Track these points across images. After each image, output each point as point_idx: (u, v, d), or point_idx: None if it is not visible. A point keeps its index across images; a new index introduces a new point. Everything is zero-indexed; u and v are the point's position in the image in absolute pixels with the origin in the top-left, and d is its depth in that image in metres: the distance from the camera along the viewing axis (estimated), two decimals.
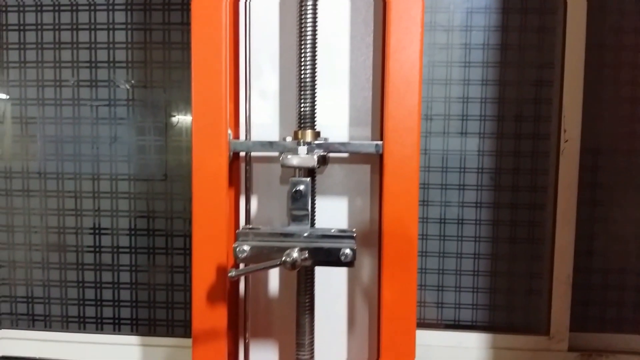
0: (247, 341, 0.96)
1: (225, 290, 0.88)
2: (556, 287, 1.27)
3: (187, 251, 1.34)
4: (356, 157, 0.97)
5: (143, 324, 1.37)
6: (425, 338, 1.29)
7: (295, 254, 0.72)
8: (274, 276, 1.02)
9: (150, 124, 1.32)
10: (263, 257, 0.76)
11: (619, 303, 1.31)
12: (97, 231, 1.35)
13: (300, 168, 0.81)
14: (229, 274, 0.72)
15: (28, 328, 1.39)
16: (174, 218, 1.33)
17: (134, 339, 1.34)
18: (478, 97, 1.26)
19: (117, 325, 1.37)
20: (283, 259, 0.72)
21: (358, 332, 1.01)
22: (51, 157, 1.34)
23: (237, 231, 0.79)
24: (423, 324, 1.31)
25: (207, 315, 0.88)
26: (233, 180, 0.96)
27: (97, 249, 1.35)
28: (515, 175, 1.28)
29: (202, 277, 0.88)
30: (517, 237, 1.29)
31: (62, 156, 1.34)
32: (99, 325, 1.37)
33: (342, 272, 1.00)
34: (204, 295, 0.88)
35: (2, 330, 1.38)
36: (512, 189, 1.28)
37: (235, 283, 0.98)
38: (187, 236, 1.33)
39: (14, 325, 1.39)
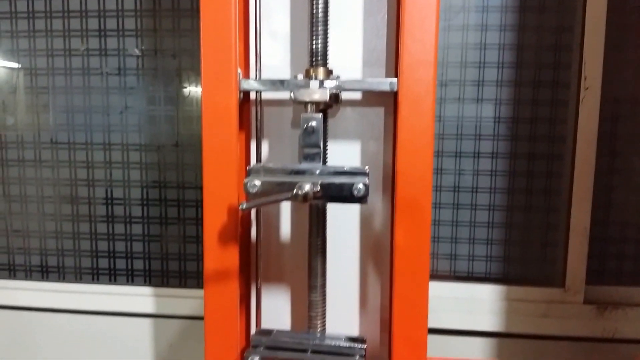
0: (259, 285, 0.95)
1: (237, 231, 0.87)
2: (573, 239, 1.25)
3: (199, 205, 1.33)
4: (370, 98, 0.95)
5: (156, 276, 1.37)
6: (438, 290, 1.28)
7: (307, 187, 0.70)
8: (285, 219, 1.00)
9: (161, 93, 1.30)
10: (274, 193, 0.74)
11: (636, 256, 1.28)
12: (109, 191, 1.35)
13: (311, 103, 0.79)
14: (240, 206, 0.71)
15: (42, 279, 1.40)
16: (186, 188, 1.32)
17: (147, 290, 1.35)
18: (496, 44, 1.22)
19: (130, 277, 1.38)
20: (295, 191, 0.70)
21: (370, 276, 1.00)
22: (62, 127, 1.33)
23: (248, 167, 0.77)
24: (436, 276, 1.30)
25: (219, 256, 0.88)
26: (244, 123, 0.94)
27: (109, 201, 1.35)
28: (533, 124, 1.24)
29: (213, 219, 0.87)
30: (534, 189, 1.26)
31: (74, 126, 1.33)
32: (112, 277, 1.38)
33: (354, 216, 0.99)
34: (216, 236, 0.87)
35: (16, 281, 1.39)
36: (530, 138, 1.25)
37: (247, 225, 0.97)
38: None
39: (28, 277, 1.40)
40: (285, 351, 0.80)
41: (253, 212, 0.97)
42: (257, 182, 0.74)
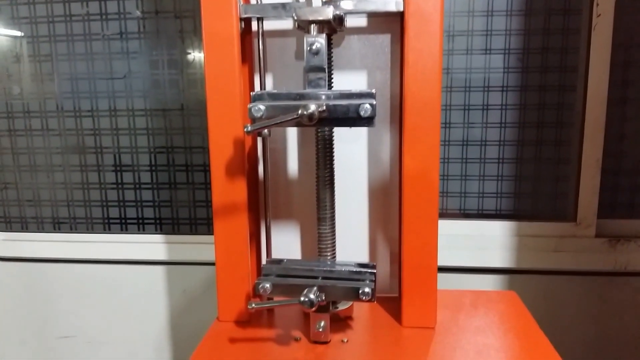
0: (268, 221, 0.95)
1: (244, 162, 0.86)
2: (584, 171, 1.23)
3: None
4: (375, 25, 0.92)
5: (166, 223, 1.37)
6: (449, 228, 1.27)
7: (312, 107, 0.69)
8: (292, 155, 0.99)
9: (165, 57, 1.27)
10: (284, 120, 0.73)
11: None
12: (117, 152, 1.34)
13: (315, 23, 0.77)
14: (245, 129, 0.70)
15: (53, 230, 1.41)
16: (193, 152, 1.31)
17: (158, 238, 1.35)
18: None
19: (141, 225, 1.38)
20: (300, 111, 0.68)
21: (379, 208, 0.99)
22: (67, 94, 1.31)
23: (252, 93, 0.76)
24: (446, 214, 1.29)
25: (227, 188, 0.87)
26: (247, 56, 0.92)
27: (118, 153, 1.34)
28: (544, 54, 1.21)
29: (219, 151, 0.86)
30: (545, 122, 1.24)
31: (78, 93, 1.31)
32: (123, 226, 1.39)
33: (362, 149, 0.97)
34: (223, 168, 0.87)
35: (27, 233, 1.40)
36: (541, 70, 1.22)
37: (254, 162, 0.96)
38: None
39: (40, 228, 1.41)
40: (295, 278, 0.80)
41: (260, 148, 0.96)
42: (262, 106, 0.72)
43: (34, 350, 1.44)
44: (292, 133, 0.98)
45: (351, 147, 0.97)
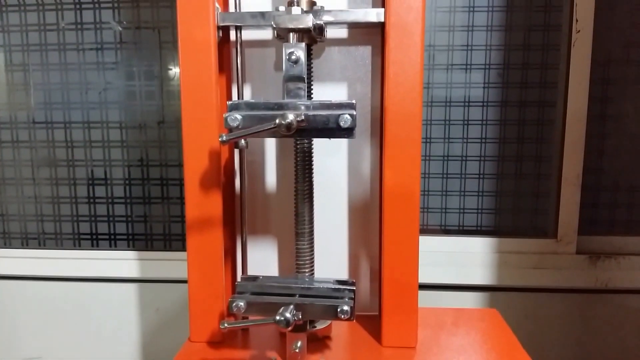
0: (244, 237, 0.92)
1: (219, 175, 0.83)
2: (565, 187, 1.22)
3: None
4: (356, 36, 0.91)
5: (140, 239, 1.33)
6: (429, 244, 1.25)
7: (290, 116, 0.66)
8: (270, 169, 0.97)
9: (142, 68, 1.24)
10: (261, 130, 0.70)
11: (629, 204, 1.27)
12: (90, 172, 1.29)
13: (294, 32, 0.74)
14: (220, 139, 0.67)
15: (21, 246, 1.35)
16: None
17: (130, 254, 1.30)
18: None
19: (112, 241, 1.33)
20: (277, 121, 0.66)
21: (360, 225, 0.97)
22: (40, 105, 1.27)
23: (228, 102, 0.73)
24: (427, 230, 1.27)
25: (201, 201, 0.84)
26: (224, 65, 0.89)
27: (91, 166, 1.29)
28: (524, 70, 1.21)
29: (194, 163, 0.83)
30: (525, 137, 1.23)
31: (51, 105, 1.27)
32: (94, 241, 1.34)
33: (342, 162, 0.95)
34: (197, 180, 0.83)
35: None
36: (521, 85, 1.22)
37: (230, 175, 0.93)
38: None
39: (7, 244, 1.35)
40: (271, 296, 0.77)
41: (237, 161, 0.93)
42: (239, 116, 0.70)
43: None
44: (270, 145, 0.95)
45: (331, 161, 0.95)
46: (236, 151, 0.92)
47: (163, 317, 1.28)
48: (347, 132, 0.71)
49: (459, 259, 1.25)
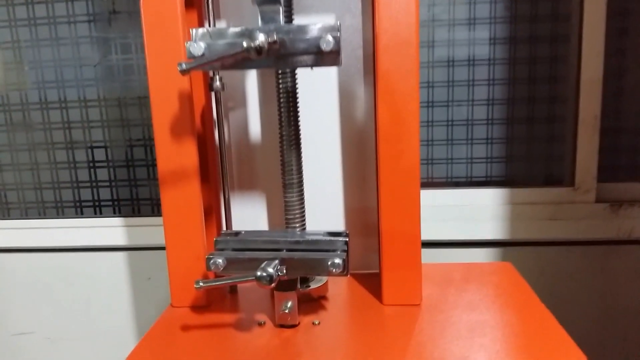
0: (226, 194, 0.83)
1: (193, 122, 0.74)
2: (582, 131, 1.12)
3: None
4: None
5: (125, 205, 1.25)
6: (434, 197, 1.16)
7: (261, 37, 0.56)
8: (254, 115, 0.87)
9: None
10: (227, 54, 0.60)
11: None
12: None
13: None
14: (179, 68, 0.57)
15: (2, 217, 1.28)
16: None
17: (116, 221, 1.22)
18: None
19: (97, 208, 1.25)
20: (245, 44, 0.56)
21: (354, 175, 0.87)
22: (33, 85, 1.17)
23: (191, 29, 0.63)
24: (432, 184, 1.18)
25: (174, 154, 0.75)
26: (194, 2, 0.79)
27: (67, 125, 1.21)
28: (533, 1, 1.09)
29: (162, 110, 0.74)
30: (538, 76, 1.12)
31: (45, 83, 1.17)
32: (78, 209, 1.26)
33: (333, 104, 0.85)
34: (167, 130, 0.74)
35: None
36: (531, 19, 1.10)
37: (209, 123, 0.83)
38: None
39: None
40: (254, 251, 0.68)
41: (214, 109, 0.83)
42: (202, 44, 0.60)
43: None
44: (252, 88, 0.86)
45: (320, 104, 0.85)
46: (214, 98, 0.83)
47: (156, 287, 1.21)
48: (331, 58, 0.61)
49: (467, 213, 1.16)
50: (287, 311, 0.70)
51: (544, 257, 1.15)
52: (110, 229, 1.21)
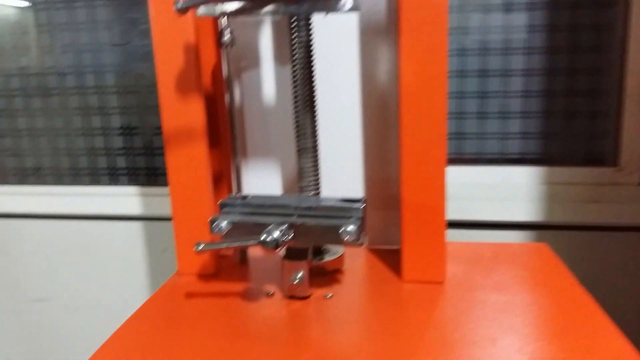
0: (237, 157, 0.77)
1: (199, 79, 0.69)
2: (628, 105, 1.02)
3: None
4: None
5: (141, 174, 1.21)
6: (464, 175, 1.08)
7: None
8: (268, 75, 0.81)
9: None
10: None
11: None
12: None
13: None
14: (175, 6, 0.52)
15: (19, 183, 1.26)
16: None
17: (132, 190, 1.19)
18: None
19: (113, 177, 1.22)
20: None
21: (374, 139, 0.81)
22: (48, 49, 1.14)
23: None
24: (462, 160, 1.10)
25: (180, 113, 0.70)
26: None
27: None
28: None
29: (167, 64, 0.69)
30: (579, 45, 1.03)
31: (61, 48, 1.14)
32: (94, 177, 1.23)
33: (353, 61, 0.78)
34: (172, 87, 0.69)
35: None
36: None
37: (219, 84, 0.78)
38: None
39: (4, 180, 1.26)
40: (262, 216, 0.63)
41: (224, 70, 0.77)
42: None
43: (6, 314, 1.30)
44: (265, 45, 0.80)
45: (339, 61, 0.79)
46: (223, 55, 0.77)
47: (171, 259, 1.17)
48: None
49: (500, 193, 1.08)
50: (297, 282, 0.65)
51: (582, 242, 1.07)
52: (127, 198, 1.18)
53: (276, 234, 0.57)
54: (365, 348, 0.55)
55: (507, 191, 1.08)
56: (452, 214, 0.66)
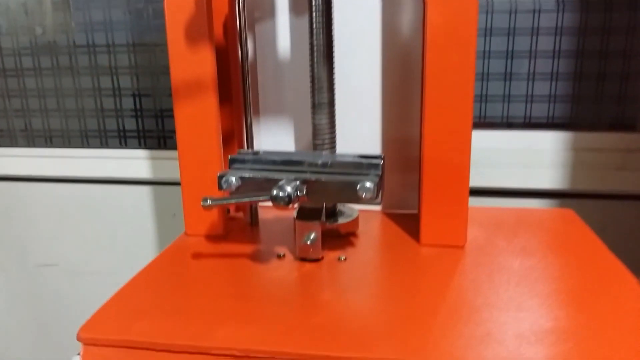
0: (249, 114, 0.73)
1: (210, 27, 0.64)
2: None
3: None
4: None
5: (151, 137, 1.18)
6: (487, 140, 1.03)
7: None
8: (283, 26, 0.77)
9: None
10: None
11: None
12: None
13: None
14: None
15: (27, 145, 1.24)
16: None
17: (141, 153, 1.16)
18: None
19: (122, 139, 1.19)
20: None
21: (395, 95, 0.76)
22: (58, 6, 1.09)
23: None
24: (484, 124, 1.05)
25: (189, 63, 0.66)
26: None
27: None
28: None
29: (175, 14, 0.64)
30: (612, 1, 0.96)
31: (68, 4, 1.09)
32: (103, 139, 1.20)
33: (374, 9, 0.73)
34: (181, 35, 0.65)
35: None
36: None
37: (232, 35, 0.74)
38: None
39: (13, 142, 1.24)
40: (274, 172, 0.59)
41: (237, 21, 0.73)
42: None
43: (13, 279, 1.30)
44: None
45: (359, 10, 0.74)
46: (237, 4, 0.72)
47: (181, 224, 1.14)
48: None
49: (524, 159, 1.03)
50: (309, 243, 0.61)
51: (608, 211, 1.02)
52: (136, 161, 1.15)
53: (288, 188, 0.53)
54: (380, 311, 0.51)
55: (530, 157, 1.03)
56: (472, 181, 0.63)
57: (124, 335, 0.49)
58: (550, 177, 1.02)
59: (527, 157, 1.03)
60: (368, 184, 0.55)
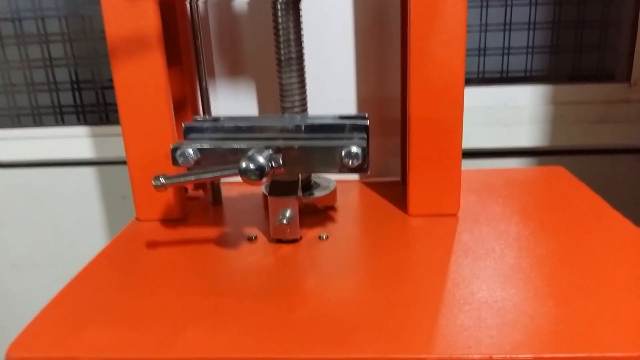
0: (204, 76, 0.62)
1: None
2: None
3: None
4: None
5: (91, 112, 1.05)
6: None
7: None
8: None
9: None
10: None
11: None
12: None
13: None
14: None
15: None
16: None
17: (81, 130, 1.03)
18: None
19: (58, 116, 1.06)
20: None
21: (371, 49, 0.67)
22: None
23: None
24: None
25: (126, 16, 0.54)
26: None
27: None
28: None
29: None
30: None
31: None
32: (36, 117, 1.06)
33: None
34: None
35: None
36: None
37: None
38: None
39: None
40: (238, 141, 0.49)
41: None
42: None
43: None
44: None
45: None
46: None
47: (132, 206, 1.02)
48: None
49: (501, 116, 0.96)
50: (285, 222, 0.52)
51: (593, 166, 0.97)
52: (76, 140, 1.02)
53: (261, 159, 0.43)
54: (370, 300, 0.43)
55: (508, 114, 0.96)
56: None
57: (64, 351, 0.39)
58: (529, 135, 0.96)
59: (504, 114, 0.97)
60: (355, 149, 0.46)
